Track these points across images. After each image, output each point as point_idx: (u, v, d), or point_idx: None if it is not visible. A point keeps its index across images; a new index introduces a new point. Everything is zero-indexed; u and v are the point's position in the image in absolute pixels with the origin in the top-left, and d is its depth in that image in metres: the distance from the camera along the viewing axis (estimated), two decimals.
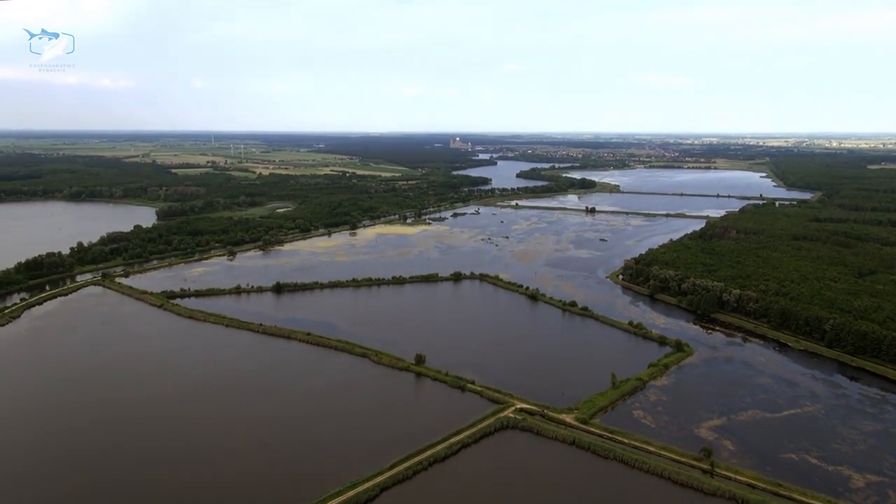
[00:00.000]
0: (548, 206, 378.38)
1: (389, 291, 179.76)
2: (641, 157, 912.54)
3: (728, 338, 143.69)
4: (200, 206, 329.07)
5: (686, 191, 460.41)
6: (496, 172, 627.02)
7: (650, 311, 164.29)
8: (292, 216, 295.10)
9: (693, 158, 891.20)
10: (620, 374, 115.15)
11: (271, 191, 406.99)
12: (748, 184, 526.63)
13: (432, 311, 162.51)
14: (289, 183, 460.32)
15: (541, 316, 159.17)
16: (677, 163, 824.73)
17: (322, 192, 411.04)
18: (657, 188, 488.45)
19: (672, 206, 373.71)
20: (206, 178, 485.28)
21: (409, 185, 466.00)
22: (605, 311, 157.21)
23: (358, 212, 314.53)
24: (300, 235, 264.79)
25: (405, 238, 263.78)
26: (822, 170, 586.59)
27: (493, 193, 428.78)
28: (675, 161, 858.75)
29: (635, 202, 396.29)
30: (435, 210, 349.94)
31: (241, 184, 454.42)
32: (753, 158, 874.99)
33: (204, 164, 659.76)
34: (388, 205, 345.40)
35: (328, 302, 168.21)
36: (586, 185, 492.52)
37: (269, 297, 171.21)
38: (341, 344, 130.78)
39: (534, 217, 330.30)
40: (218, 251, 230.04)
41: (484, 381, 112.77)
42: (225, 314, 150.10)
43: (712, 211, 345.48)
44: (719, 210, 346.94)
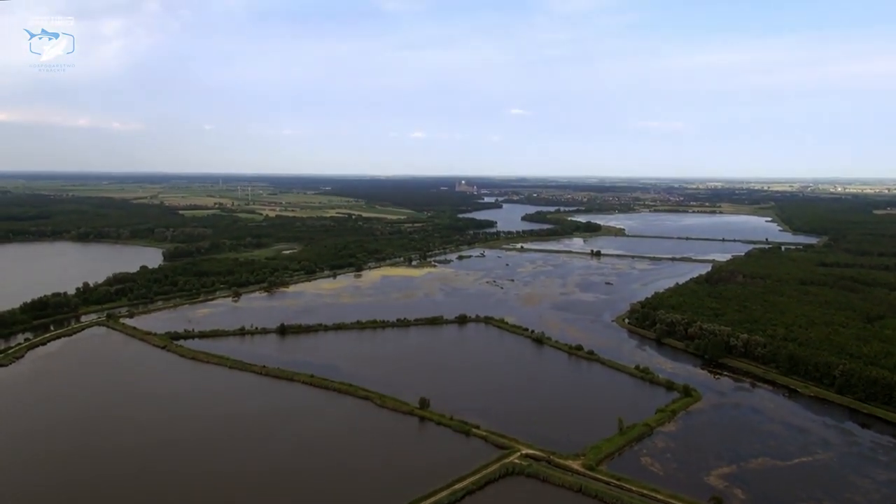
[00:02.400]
0: (553, 249, 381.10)
1: (394, 334, 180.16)
2: (646, 202, 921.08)
3: (736, 383, 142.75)
4: (207, 247, 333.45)
5: (691, 235, 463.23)
6: (501, 215, 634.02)
7: (657, 355, 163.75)
8: (298, 258, 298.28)
9: (698, 203, 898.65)
10: (627, 419, 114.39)
11: (277, 232, 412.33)
12: (754, 228, 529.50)
13: (437, 354, 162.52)
14: (295, 225, 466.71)
15: (546, 359, 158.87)
16: (682, 207, 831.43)
17: (328, 234, 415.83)
18: (662, 232, 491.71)
19: (677, 249, 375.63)
20: (212, 220, 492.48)
21: (415, 227, 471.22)
22: (611, 355, 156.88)
23: (363, 254, 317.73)
24: (305, 277, 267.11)
25: (410, 280, 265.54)
26: (828, 214, 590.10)
27: (499, 236, 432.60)
28: (680, 205, 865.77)
29: (641, 246, 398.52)
30: (440, 252, 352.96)
31: (247, 225, 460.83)
32: (758, 203, 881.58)
33: (211, 206, 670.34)
34: (393, 247, 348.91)
35: (332, 344, 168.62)
36: (591, 229, 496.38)
37: (273, 338, 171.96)
38: (344, 386, 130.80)
39: (539, 260, 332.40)
40: (223, 292, 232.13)
41: (489, 426, 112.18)
42: (228, 356, 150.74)
43: (718, 255, 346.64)
44: (725, 254, 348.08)
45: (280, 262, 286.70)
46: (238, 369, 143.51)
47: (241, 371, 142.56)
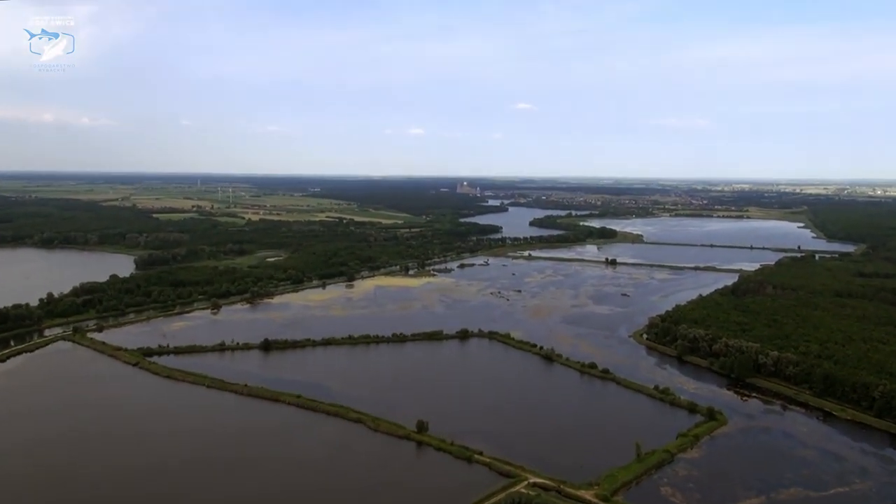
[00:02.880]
0: (564, 257, 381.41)
1: (389, 350, 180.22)
2: (666, 205, 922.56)
3: (766, 405, 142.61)
4: (183, 254, 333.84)
5: (716, 242, 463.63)
6: (507, 220, 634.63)
7: (678, 374, 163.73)
8: (283, 266, 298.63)
9: (723, 206, 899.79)
10: (646, 444, 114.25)
11: (261, 238, 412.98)
12: (784, 234, 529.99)
13: (436, 373, 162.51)
14: (280, 230, 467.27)
15: (556, 379, 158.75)
16: (706, 211, 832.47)
17: (317, 239, 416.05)
18: (684, 239, 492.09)
19: (701, 258, 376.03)
20: (190, 224, 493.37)
21: (412, 233, 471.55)
22: (627, 374, 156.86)
23: (355, 262, 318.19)
24: (292, 287, 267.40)
25: (407, 291, 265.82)
26: (866, 219, 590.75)
27: (504, 243, 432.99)
28: (704, 209, 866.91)
29: (660, 254, 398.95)
30: (440, 260, 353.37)
31: (228, 230, 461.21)
32: (789, 207, 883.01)
33: (188, 209, 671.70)
34: (388, 254, 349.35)
35: (321, 361, 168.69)
36: (606, 235, 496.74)
37: (256, 354, 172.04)
38: (334, 408, 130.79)
39: (548, 269, 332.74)
40: (201, 304, 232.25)
41: (493, 452, 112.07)
42: (207, 373, 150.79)
43: (745, 264, 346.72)
44: (753, 263, 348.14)
45: (264, 270, 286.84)
46: (217, 388, 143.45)
47: (221, 390, 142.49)
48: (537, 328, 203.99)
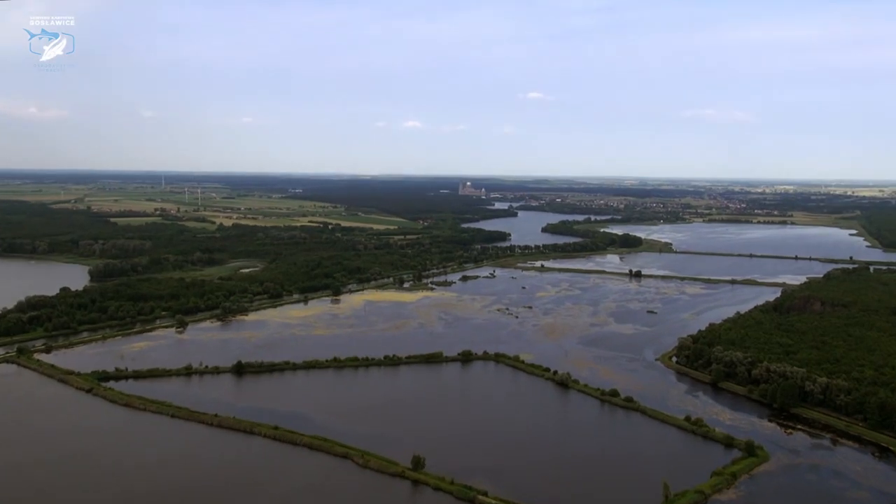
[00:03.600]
0: (582, 268, 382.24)
1: (381, 374, 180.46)
2: (699, 209, 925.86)
3: (813, 439, 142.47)
4: (145, 264, 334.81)
5: (756, 251, 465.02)
6: (517, 226, 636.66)
7: (712, 403, 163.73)
8: (260, 278, 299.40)
9: (764, 211, 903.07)
10: (675, 484, 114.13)
11: (234, 246, 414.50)
12: (834, 243, 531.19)
13: (434, 400, 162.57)
14: (256, 236, 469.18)
15: (573, 408, 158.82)
16: (744, 216, 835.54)
17: (298, 248, 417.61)
18: (719, 247, 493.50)
19: (739, 270, 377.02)
20: (153, 230, 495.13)
21: (407, 240, 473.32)
22: (654, 403, 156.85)
23: (342, 273, 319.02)
24: (269, 302, 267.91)
25: (401, 307, 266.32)
26: None
27: (513, 252, 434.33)
28: (742, 214, 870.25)
29: (692, 265, 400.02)
30: (439, 272, 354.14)
31: (196, 237, 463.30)
32: (840, 212, 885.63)
33: (151, 213, 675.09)
34: (380, 265, 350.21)
35: (302, 387, 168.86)
36: (630, 243, 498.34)
37: (228, 379, 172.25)
38: (317, 441, 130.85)
39: (564, 282, 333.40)
40: (165, 321, 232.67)
41: (500, 492, 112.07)
42: (171, 401, 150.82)
43: (790, 277, 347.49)
44: (798, 276, 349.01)
45: (237, 283, 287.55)
46: (183, 418, 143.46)
47: (187, 421, 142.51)
48: (551, 350, 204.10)
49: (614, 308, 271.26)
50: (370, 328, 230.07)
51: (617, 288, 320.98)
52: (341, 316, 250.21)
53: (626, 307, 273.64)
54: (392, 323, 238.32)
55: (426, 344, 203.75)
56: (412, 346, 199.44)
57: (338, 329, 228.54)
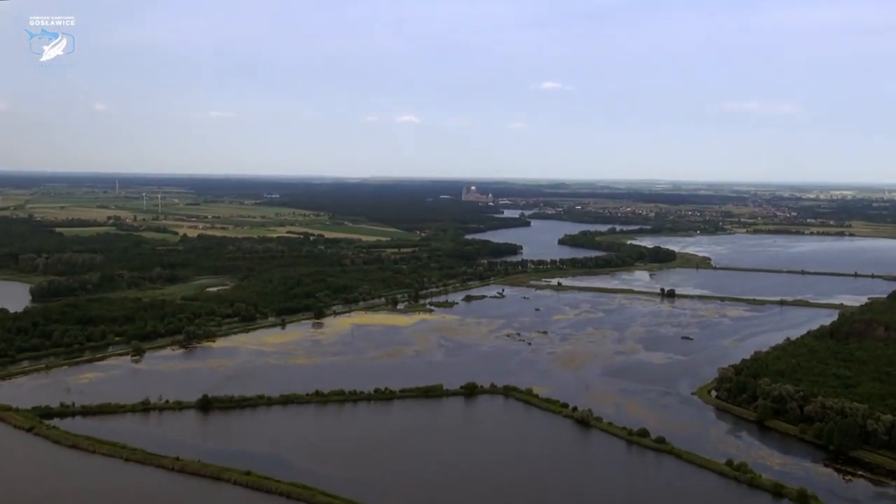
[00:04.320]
0: (605, 286, 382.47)
1: (370, 411, 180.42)
2: (742, 218, 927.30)
3: (877, 487, 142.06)
4: (96, 281, 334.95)
5: (809, 267, 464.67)
6: (529, 237, 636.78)
7: (758, 444, 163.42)
8: (229, 298, 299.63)
9: (818, 220, 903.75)
10: None
11: (200, 260, 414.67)
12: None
13: (433, 442, 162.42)
14: (226, 249, 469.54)
15: (595, 450, 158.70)
16: (795, 226, 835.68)
17: (274, 263, 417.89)
18: (766, 263, 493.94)
19: (789, 289, 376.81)
20: (105, 242, 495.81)
21: (402, 254, 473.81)
22: (690, 445, 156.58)
23: (326, 292, 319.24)
24: (240, 326, 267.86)
25: (395, 332, 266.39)
26: None
27: (525, 268, 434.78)
28: (792, 223, 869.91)
29: (734, 283, 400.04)
30: (439, 291, 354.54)
31: (156, 250, 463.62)
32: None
33: (103, 222, 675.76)
34: (370, 283, 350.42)
35: (279, 425, 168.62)
36: (662, 258, 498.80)
37: (193, 416, 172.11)
38: (296, 490, 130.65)
39: (585, 303, 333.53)
40: (119, 348, 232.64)
41: None
42: (126, 442, 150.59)
43: (848, 297, 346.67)
44: (858, 296, 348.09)
45: (203, 304, 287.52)
46: (139, 462, 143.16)
47: (144, 465, 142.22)
48: (569, 382, 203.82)
49: (643, 333, 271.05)
50: (358, 356, 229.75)
51: (646, 310, 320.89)
52: (325, 342, 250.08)
53: (658, 332, 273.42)
54: (384, 350, 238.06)
55: (424, 375, 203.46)
56: (407, 378, 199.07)
57: (320, 357, 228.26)
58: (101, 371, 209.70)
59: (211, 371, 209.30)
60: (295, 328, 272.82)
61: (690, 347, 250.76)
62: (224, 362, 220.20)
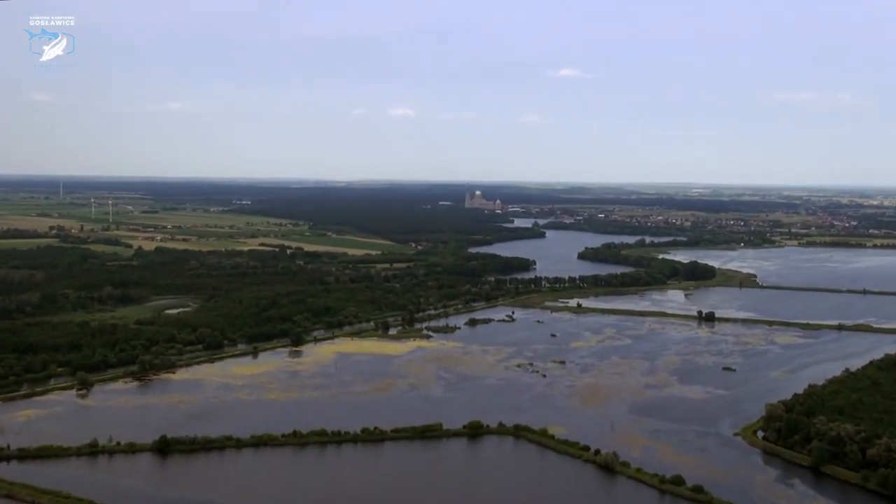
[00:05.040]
0: (633, 308, 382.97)
1: (357, 454, 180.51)
2: (793, 227, 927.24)
3: None
4: (36, 302, 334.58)
5: (872, 286, 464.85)
6: (544, 250, 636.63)
7: (813, 494, 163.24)
8: (192, 322, 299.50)
9: (882, 231, 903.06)
10: None
11: (158, 278, 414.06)
12: None
13: (431, 491, 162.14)
14: (188, 265, 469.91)
15: (621, 500, 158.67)
16: (855, 237, 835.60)
17: (245, 280, 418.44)
18: (821, 281, 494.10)
19: (848, 311, 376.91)
20: (46, 256, 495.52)
21: (395, 270, 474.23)
22: (733, 495, 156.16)
23: (306, 315, 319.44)
24: (205, 355, 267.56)
25: (386, 361, 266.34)
26: None
27: (539, 286, 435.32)
28: (852, 235, 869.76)
29: (784, 304, 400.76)
30: (438, 313, 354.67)
31: (106, 266, 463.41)
32: None
33: (45, 232, 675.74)
34: (357, 304, 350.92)
35: (250, 471, 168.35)
36: (699, 275, 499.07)
37: (148, 461, 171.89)
38: None
39: (609, 327, 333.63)
40: (62, 381, 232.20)
41: None
42: (69, 491, 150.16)
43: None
44: None
45: (161, 329, 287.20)
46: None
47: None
48: (591, 421, 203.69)
49: (678, 363, 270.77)
50: (343, 391, 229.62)
51: (681, 336, 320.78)
52: (304, 374, 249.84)
53: (695, 362, 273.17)
54: (373, 383, 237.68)
55: (420, 412, 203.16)
56: (401, 416, 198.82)
57: (299, 392, 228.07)
58: (42, 408, 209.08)
59: (170, 408, 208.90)
60: (269, 357, 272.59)
61: (733, 380, 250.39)
62: (185, 397, 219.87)
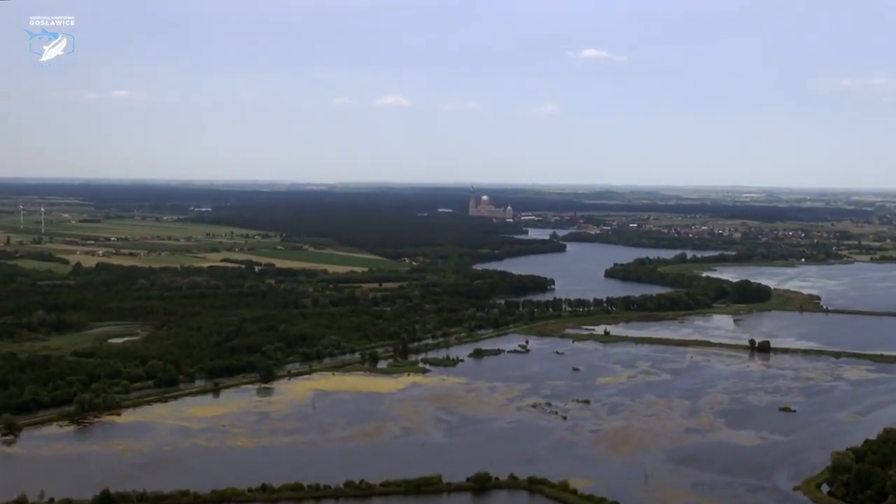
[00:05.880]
0: (672, 337, 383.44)
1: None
2: (864, 239, 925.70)
3: None
4: None
5: None
6: (564, 267, 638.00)
7: None
8: (141, 354, 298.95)
9: None
10: None
11: (100, 300, 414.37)
12: None
13: None
14: (136, 285, 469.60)
15: None
16: None
17: (205, 303, 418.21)
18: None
19: None
20: None
21: (385, 291, 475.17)
22: None
23: (278, 345, 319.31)
24: (156, 394, 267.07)
25: (375, 401, 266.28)
26: None
27: (559, 311, 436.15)
28: None
29: (853, 332, 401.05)
30: (437, 343, 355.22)
31: (37, 286, 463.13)
32: None
33: None
34: (339, 331, 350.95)
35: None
36: (751, 297, 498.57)
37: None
38: None
39: (642, 360, 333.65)
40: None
41: None
42: None
43: None
44: None
45: (104, 361, 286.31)
46: None
47: None
48: (620, 472, 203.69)
49: (725, 403, 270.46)
50: (323, 436, 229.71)
51: (729, 370, 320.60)
52: (275, 416, 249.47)
53: (746, 401, 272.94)
54: (359, 427, 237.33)
55: (415, 462, 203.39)
56: (392, 466, 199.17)
57: (269, 437, 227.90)
58: None
59: (114, 457, 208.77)
60: (233, 396, 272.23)
61: (792, 423, 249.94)
62: (133, 444, 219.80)
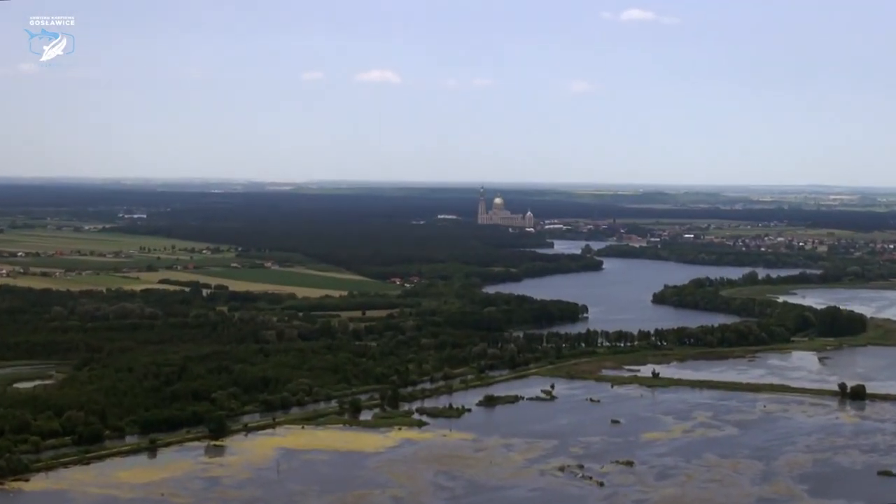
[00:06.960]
0: (739, 380, 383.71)
1: None
2: None
3: None
4: None
5: None
6: (601, 289, 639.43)
7: None
8: (56, 402, 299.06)
9: None
10: None
11: (2, 333, 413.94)
12: None
13: None
14: (50, 313, 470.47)
15: None
16: None
17: (138, 337, 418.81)
18: None
19: None
20: None
21: (370, 320, 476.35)
22: None
23: (232, 391, 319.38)
24: (75, 453, 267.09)
25: (357, 462, 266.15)
26: None
27: (593, 345, 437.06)
28: None
29: None
30: (437, 388, 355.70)
31: None
32: None
33: None
34: (311, 373, 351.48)
35: None
36: (841, 328, 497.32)
37: None
38: None
39: (701, 409, 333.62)
40: None
41: None
42: None
43: None
44: None
45: (8, 412, 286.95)
46: None
47: None
48: None
49: (808, 465, 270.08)
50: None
51: (813, 422, 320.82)
52: (228, 482, 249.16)
53: (835, 463, 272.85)
54: (336, 496, 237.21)
55: None
56: None
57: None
58: None
59: None
60: (174, 456, 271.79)
61: (892, 490, 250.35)
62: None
